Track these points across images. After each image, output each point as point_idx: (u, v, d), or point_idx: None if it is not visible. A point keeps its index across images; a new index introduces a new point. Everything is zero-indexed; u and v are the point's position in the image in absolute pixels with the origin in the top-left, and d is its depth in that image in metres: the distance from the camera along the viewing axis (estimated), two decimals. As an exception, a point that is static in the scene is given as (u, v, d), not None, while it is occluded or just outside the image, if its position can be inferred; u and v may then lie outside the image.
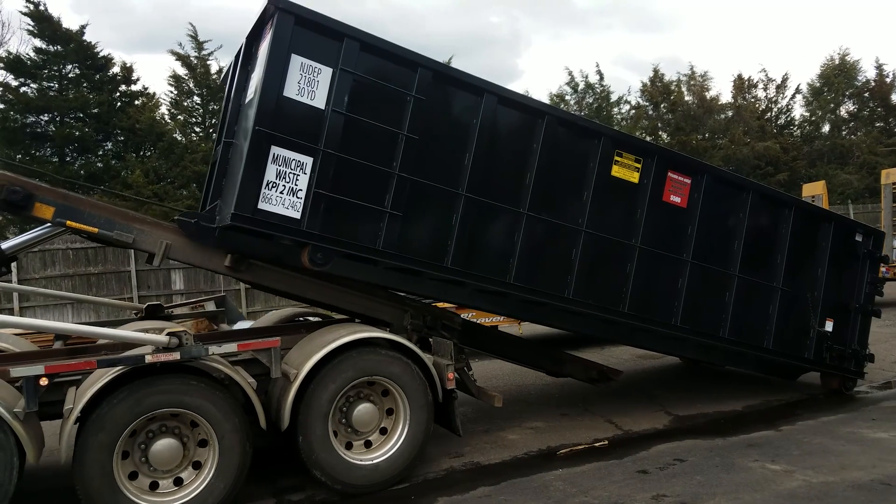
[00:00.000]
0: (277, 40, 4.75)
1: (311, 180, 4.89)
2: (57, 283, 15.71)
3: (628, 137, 6.99)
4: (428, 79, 5.29)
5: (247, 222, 4.73)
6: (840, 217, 8.08)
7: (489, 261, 5.71)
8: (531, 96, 14.42)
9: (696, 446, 5.87)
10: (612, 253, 6.21)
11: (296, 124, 4.83)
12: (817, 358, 7.43)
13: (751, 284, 6.93)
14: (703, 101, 30.54)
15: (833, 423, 6.46)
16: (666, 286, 6.50)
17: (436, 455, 5.78)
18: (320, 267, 5.06)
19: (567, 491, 4.89)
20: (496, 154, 5.65)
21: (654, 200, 6.32)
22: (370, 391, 5.12)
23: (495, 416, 7.05)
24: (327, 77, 4.91)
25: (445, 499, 4.84)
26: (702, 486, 4.88)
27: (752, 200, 6.90)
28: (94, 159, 22.35)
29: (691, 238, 6.53)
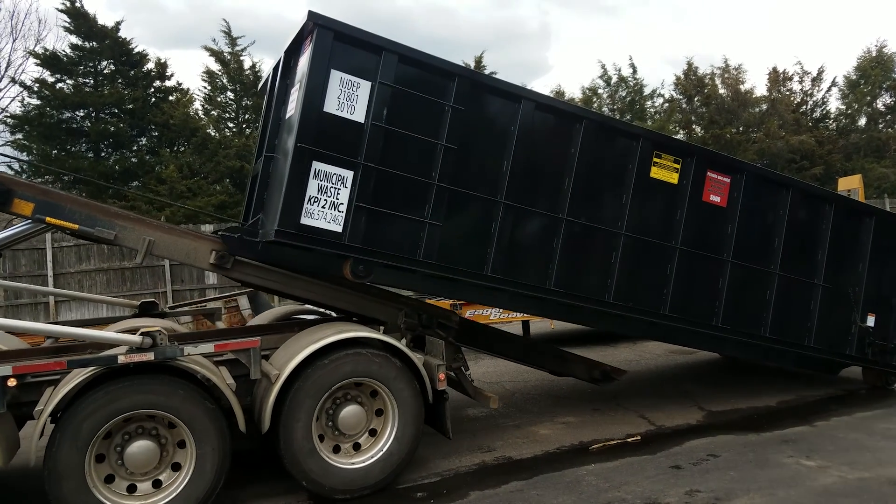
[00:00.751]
0: (317, 56, 4.81)
1: (352, 194, 4.97)
2: (92, 277, 16.09)
3: (667, 138, 6.97)
4: (465, 88, 5.33)
5: (290, 238, 4.81)
6: (882, 211, 7.94)
7: (529, 267, 5.74)
8: (567, 101, 14.34)
9: (730, 442, 5.84)
10: (652, 255, 6.20)
11: (336, 139, 4.91)
12: (859, 353, 7.35)
13: (792, 282, 6.86)
14: (737, 95, 30.00)
15: (869, 419, 6.40)
16: (707, 286, 6.47)
17: (467, 449, 5.85)
18: (362, 279, 5.16)
19: (600, 486, 4.91)
20: (534, 160, 5.68)
21: (693, 201, 6.29)
22: (357, 392, 4.99)
23: (527, 410, 7.11)
24: (366, 91, 4.98)
25: (478, 493, 4.89)
26: (735, 482, 4.86)
27: (792, 198, 6.84)
28: (129, 154, 22.75)
29: (731, 237, 6.50)
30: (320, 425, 4.86)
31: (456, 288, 5.61)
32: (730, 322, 6.54)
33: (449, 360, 5.63)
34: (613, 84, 29.25)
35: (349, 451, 4.94)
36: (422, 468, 5.43)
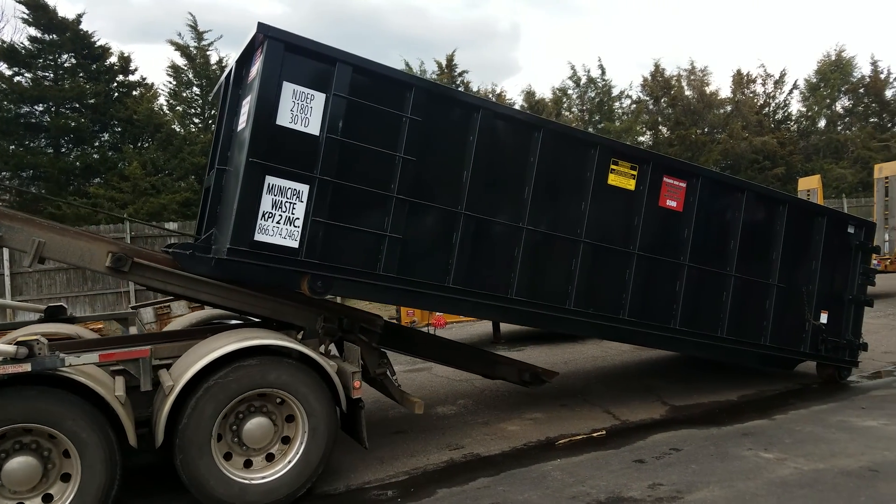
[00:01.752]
0: (268, 68, 4.71)
1: (308, 208, 4.88)
2: (51, 276, 15.72)
3: (623, 146, 7.14)
4: (422, 99, 5.31)
5: (243, 256, 4.69)
6: (833, 211, 8.20)
7: (490, 277, 5.77)
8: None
9: (692, 436, 5.97)
10: (611, 261, 6.31)
11: (290, 153, 4.81)
12: (813, 350, 7.57)
13: (747, 283, 7.04)
14: (702, 96, 30.62)
15: (824, 412, 6.58)
16: (664, 290, 6.62)
17: (436, 447, 5.88)
18: (321, 294, 5.08)
19: (565, 480, 4.98)
20: (494, 170, 5.72)
21: (650, 206, 6.42)
22: (263, 403, 4.69)
23: (495, 407, 7.17)
24: (321, 103, 4.90)
25: (445, 490, 4.92)
26: (697, 475, 4.98)
27: (747, 200, 7.01)
28: (91, 150, 22.23)
29: (688, 241, 6.65)
30: (225, 441, 4.58)
31: (418, 299, 5.60)
32: (688, 324, 6.70)
33: (373, 367, 5.55)
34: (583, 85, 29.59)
35: (262, 464, 4.68)
36: (390, 467, 5.45)
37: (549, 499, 4.66)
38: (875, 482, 4.65)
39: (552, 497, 4.69)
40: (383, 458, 5.64)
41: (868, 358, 8.53)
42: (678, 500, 4.54)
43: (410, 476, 5.27)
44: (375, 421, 6.47)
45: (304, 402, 4.70)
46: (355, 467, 5.46)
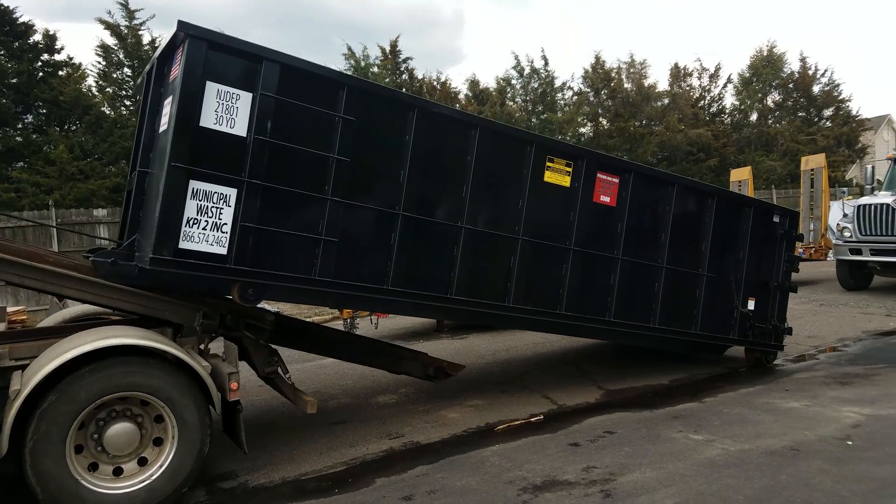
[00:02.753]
0: (190, 68, 4.48)
1: (237, 213, 4.67)
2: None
3: (558, 143, 7.28)
4: (356, 98, 5.16)
5: (168, 265, 4.46)
6: (758, 201, 8.53)
7: (430, 277, 5.74)
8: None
9: (626, 419, 6.13)
10: (548, 256, 6.39)
11: (216, 155, 4.59)
12: (742, 336, 7.87)
13: (678, 274, 7.26)
14: (641, 89, 31.31)
15: (751, 395, 6.85)
16: (600, 283, 6.76)
17: (376, 436, 5.86)
18: (252, 302, 4.89)
19: (503, 465, 5.04)
20: (431, 169, 5.67)
21: (585, 202, 6.52)
22: (127, 406, 4.34)
23: (437, 395, 7.18)
24: (247, 103, 4.68)
25: (384, 479, 4.89)
26: (629, 457, 5.11)
27: (677, 193, 7.21)
28: (13, 133, 21.08)
29: (621, 235, 6.80)
30: (88, 451, 4.22)
31: (357, 301, 5.54)
32: (622, 316, 6.87)
33: (262, 366, 5.36)
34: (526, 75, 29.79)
35: (134, 469, 4.34)
36: (328, 458, 5.39)
37: (487, 484, 4.70)
38: (796, 461, 4.87)
39: (489, 482, 4.73)
40: (321, 450, 5.58)
41: (793, 342, 8.96)
42: (611, 482, 4.65)
43: (349, 466, 5.22)
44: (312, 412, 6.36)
45: (171, 406, 4.34)
46: (293, 458, 5.39)
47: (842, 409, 6.06)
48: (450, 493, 4.58)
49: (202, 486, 4.90)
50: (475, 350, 9.43)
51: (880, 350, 8.67)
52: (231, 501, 4.68)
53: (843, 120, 33.58)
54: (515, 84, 29.99)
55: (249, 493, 4.80)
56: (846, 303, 12.69)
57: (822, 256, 15.85)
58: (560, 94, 30.61)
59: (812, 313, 11.66)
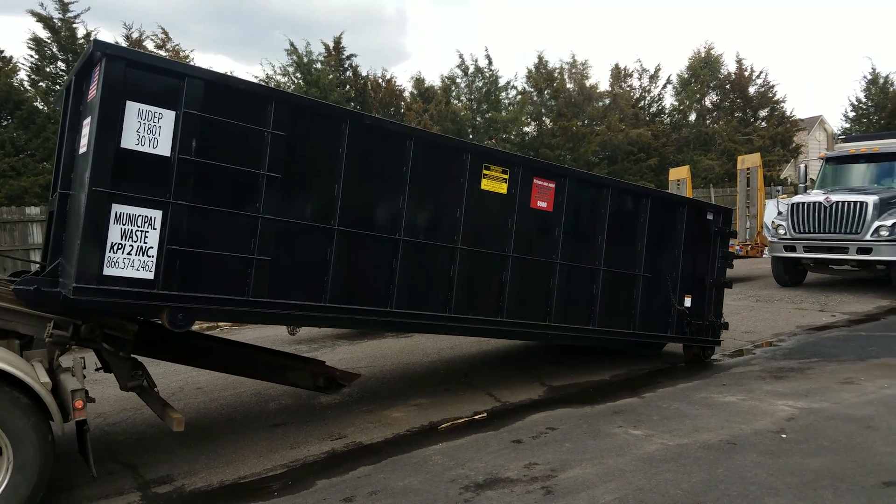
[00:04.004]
0: (108, 88, 4.31)
1: (163, 236, 4.51)
2: None
3: (493, 150, 7.39)
4: (285, 112, 5.04)
5: (92, 293, 4.30)
6: (692, 200, 8.76)
7: (369, 291, 5.69)
8: (395, 121, 14.07)
9: (567, 415, 6.19)
10: (487, 265, 6.41)
11: (138, 177, 4.44)
12: (679, 332, 8.06)
13: (616, 275, 7.39)
14: (583, 89, 31.82)
15: (689, 390, 7.01)
16: (539, 288, 6.82)
17: (318, 438, 5.77)
18: (183, 327, 4.71)
19: (445, 464, 5.03)
20: (367, 182, 5.63)
21: (522, 208, 6.57)
22: None
23: (380, 394, 7.13)
24: (170, 121, 4.52)
25: (325, 481, 4.83)
26: (570, 453, 5.16)
27: (612, 196, 7.33)
28: (-61, 128, 20.08)
29: (559, 240, 6.88)
30: None
31: (295, 318, 5.48)
32: (562, 319, 6.96)
33: (124, 379, 5.06)
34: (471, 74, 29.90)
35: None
36: (268, 460, 5.29)
37: (429, 483, 4.69)
38: (732, 454, 4.98)
39: (431, 481, 4.72)
40: (261, 452, 5.47)
41: (730, 337, 9.22)
42: (552, 478, 4.69)
43: (289, 469, 5.14)
44: (254, 414, 6.25)
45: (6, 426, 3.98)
46: (231, 461, 5.27)
47: (776, 403, 6.25)
48: (391, 493, 4.55)
49: (136, 492, 4.75)
50: (420, 348, 9.39)
51: (813, 345, 8.98)
52: (166, 508, 4.53)
53: (777, 120, 34.91)
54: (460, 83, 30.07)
55: (186, 498, 4.67)
56: (781, 298, 13.11)
57: (758, 253, 16.38)
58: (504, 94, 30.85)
59: (749, 309, 12.02)
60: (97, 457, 5.23)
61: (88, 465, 4.35)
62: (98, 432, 5.98)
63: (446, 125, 27.11)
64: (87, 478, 4.89)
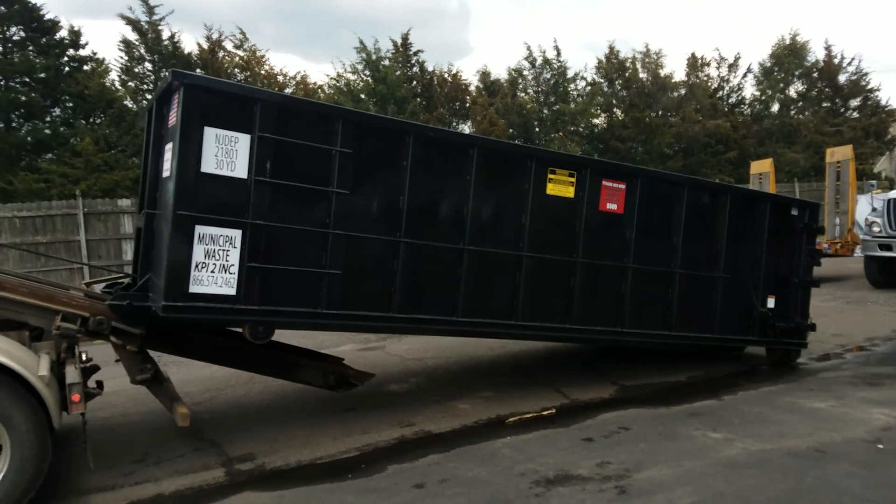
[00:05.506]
0: (187, 115, 4.53)
1: (243, 254, 4.74)
2: (4, 252, 15.17)
3: (559, 154, 7.28)
4: (350, 130, 5.15)
5: (179, 311, 4.57)
6: (774, 195, 8.33)
7: (435, 300, 5.73)
8: (457, 131, 13.97)
9: (641, 415, 6.03)
10: (555, 271, 6.30)
11: (219, 199, 4.66)
12: (762, 335, 7.67)
13: (693, 277, 7.10)
14: (656, 79, 30.83)
15: (773, 394, 6.69)
16: (611, 294, 6.65)
17: (388, 424, 5.84)
18: (263, 340, 4.94)
19: (514, 458, 4.99)
20: (431, 192, 5.65)
21: (591, 211, 6.41)
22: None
23: (447, 386, 7.16)
24: (245, 145, 4.72)
25: (395, 466, 4.89)
26: (645, 454, 5.02)
27: (688, 195, 7.04)
28: (42, 126, 21.53)
29: (630, 243, 6.67)
30: None
31: (364, 327, 5.64)
32: (636, 325, 6.74)
33: (133, 373, 5.09)
34: (538, 66, 29.49)
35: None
36: (341, 443, 5.41)
37: (499, 475, 4.66)
38: (822, 463, 4.72)
39: (501, 474, 4.69)
40: (335, 435, 5.59)
41: (817, 340, 8.71)
42: (626, 478, 4.58)
43: (362, 452, 5.23)
44: (327, 398, 6.40)
45: (2, 419, 4.01)
46: (308, 442, 5.42)
47: (871, 411, 5.87)
48: (461, 483, 4.55)
49: (221, 467, 4.96)
50: (485, 342, 9.27)
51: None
52: (250, 482, 4.71)
53: (871, 110, 32.69)
54: (527, 75, 29.68)
55: (267, 475, 4.84)
56: (875, 300, 12.33)
57: (849, 252, 15.46)
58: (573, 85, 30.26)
59: (838, 311, 11.37)
60: (186, 432, 5.58)
61: (87, 457, 4.34)
62: (183, 412, 6.28)
63: (512, 118, 26.87)
64: (178, 454, 5.22)
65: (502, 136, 25.51)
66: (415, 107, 24.92)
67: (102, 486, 4.64)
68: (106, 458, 5.07)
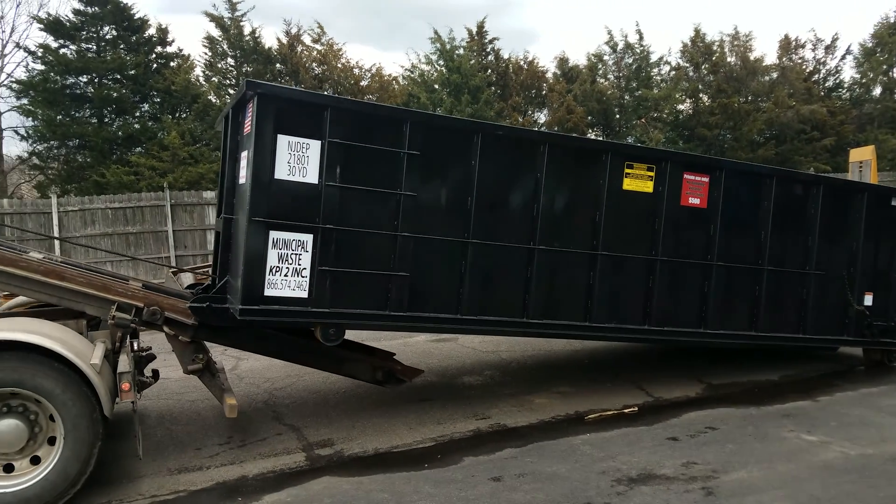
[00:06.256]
0: (261, 124, 4.66)
1: (314, 257, 4.85)
2: (97, 241, 16.07)
3: (637, 148, 7.03)
4: (418, 132, 5.15)
5: (255, 314, 4.75)
6: (872, 185, 7.76)
7: (505, 302, 5.64)
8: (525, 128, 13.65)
9: (729, 415, 5.77)
10: (632, 270, 6.06)
11: (291, 204, 4.78)
12: (858, 335, 7.20)
13: (782, 275, 6.71)
14: (746, 62, 29.35)
15: (874, 396, 6.30)
16: (693, 293, 6.36)
17: (462, 416, 5.82)
18: (334, 342, 5.04)
19: (595, 455, 4.86)
20: (500, 192, 5.56)
21: (671, 207, 6.12)
22: (23, 402, 4.15)
23: (522, 379, 7.07)
24: (316, 150, 4.81)
25: (471, 458, 4.86)
26: (734, 455, 4.80)
27: (777, 187, 6.63)
28: (132, 121, 22.60)
29: (714, 239, 6.34)
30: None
31: (431, 329, 5.67)
32: (718, 324, 6.43)
33: (185, 363, 5.15)
34: (620, 51, 28.63)
35: (26, 467, 4.16)
36: (417, 433, 5.42)
37: (578, 472, 4.55)
38: (929, 469, 4.40)
39: (581, 470, 4.57)
40: (410, 425, 5.62)
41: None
42: (713, 479, 4.38)
43: (437, 443, 5.23)
44: (403, 388, 6.42)
45: (58, 405, 4.12)
46: (384, 431, 5.49)
47: None
48: (539, 478, 4.47)
49: (301, 452, 5.08)
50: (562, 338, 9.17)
51: None
52: (329, 468, 4.80)
53: (984, 93, 30.19)
54: (608, 60, 28.85)
55: (345, 461, 4.91)
56: None
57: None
58: (656, 70, 29.21)
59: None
60: (268, 416, 5.83)
61: (137, 445, 4.44)
62: (266, 396, 6.49)
63: (591, 105, 26.21)
64: (260, 437, 5.37)
65: (580, 123, 24.96)
66: (489, 95, 24.71)
67: (190, 466, 4.81)
68: (193, 441, 5.28)
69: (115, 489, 4.42)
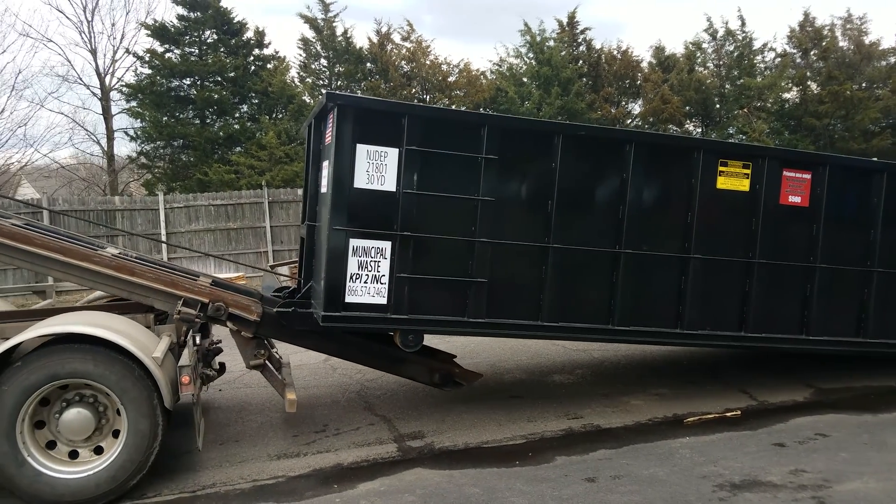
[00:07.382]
0: (341, 134, 4.76)
1: (393, 264, 4.90)
2: (200, 236, 17.04)
3: (731, 145, 6.62)
4: (496, 135, 5.08)
5: (337, 320, 4.88)
6: None
7: (588, 307, 5.50)
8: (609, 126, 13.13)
9: (841, 421, 5.42)
10: (727, 273, 5.76)
11: (370, 213, 4.86)
12: None
13: (894, 277, 6.21)
14: (860, 47, 27.33)
15: None
16: (794, 297, 5.99)
17: (553, 415, 5.74)
18: (412, 348, 5.12)
19: (695, 459, 4.67)
20: (581, 194, 5.42)
21: (769, 206, 5.76)
22: (94, 392, 4.30)
23: (616, 380, 6.90)
24: (394, 159, 4.86)
25: (564, 458, 4.78)
26: (847, 464, 4.49)
27: (888, 182, 6.12)
28: (232, 121, 23.68)
29: (818, 239, 5.93)
30: (49, 429, 4.28)
31: (511, 335, 5.62)
32: (822, 330, 6.03)
33: (247, 358, 5.27)
34: (720, 38, 27.31)
35: (88, 456, 4.31)
36: (507, 430, 5.40)
37: (677, 476, 4.38)
38: None
39: (680, 474, 4.41)
40: (500, 421, 5.59)
41: None
42: (825, 488, 4.12)
43: (528, 440, 5.18)
44: (492, 384, 6.42)
45: (123, 397, 4.23)
46: (474, 426, 5.50)
47: None
48: (636, 480, 4.34)
49: (393, 443, 5.16)
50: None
51: None
52: (420, 459, 4.86)
53: None
54: (707, 48, 27.57)
55: (436, 454, 4.95)
56: None
57: None
58: (759, 57, 27.66)
59: None
60: (360, 407, 5.97)
61: (197, 436, 4.51)
62: (358, 387, 6.65)
63: (689, 94, 25.16)
64: (354, 426, 5.51)
65: (677, 113, 24.03)
66: (580, 87, 24.24)
67: (288, 452, 4.99)
68: (291, 428, 5.47)
69: (219, 472, 4.65)
